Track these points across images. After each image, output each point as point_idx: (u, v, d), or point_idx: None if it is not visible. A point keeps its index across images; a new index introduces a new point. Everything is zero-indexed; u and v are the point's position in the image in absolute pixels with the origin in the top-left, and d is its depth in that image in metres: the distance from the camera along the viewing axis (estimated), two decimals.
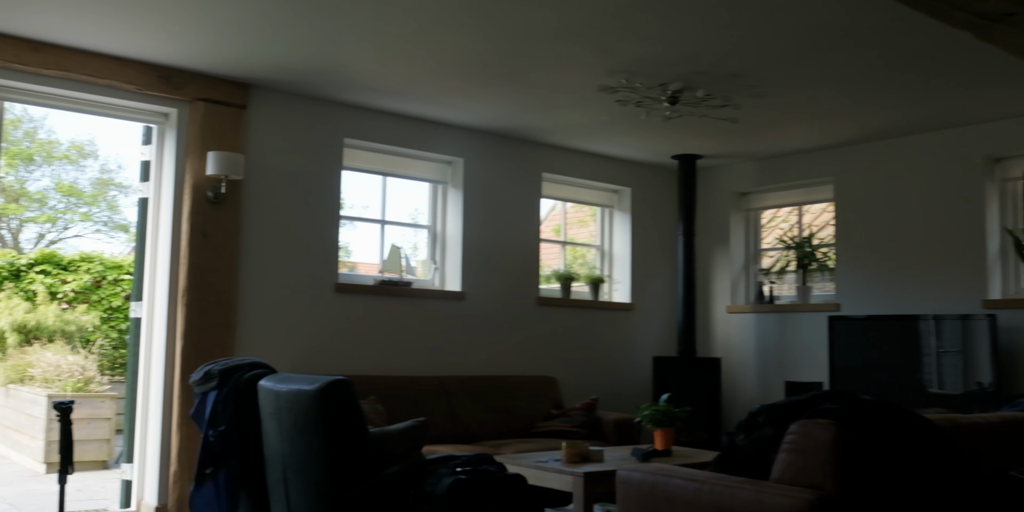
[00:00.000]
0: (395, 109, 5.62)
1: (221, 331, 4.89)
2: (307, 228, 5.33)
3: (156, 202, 5.00)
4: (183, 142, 4.96)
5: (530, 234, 6.37)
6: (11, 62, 4.39)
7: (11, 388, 7.43)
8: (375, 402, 5.03)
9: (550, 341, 6.38)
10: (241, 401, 3.50)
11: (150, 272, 4.98)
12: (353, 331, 5.44)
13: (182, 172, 4.94)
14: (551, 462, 4.17)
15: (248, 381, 3.50)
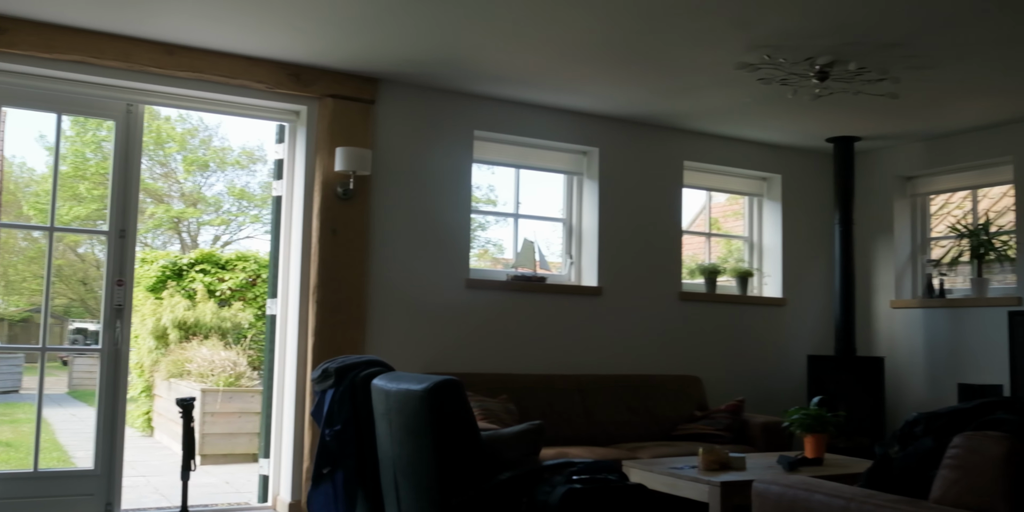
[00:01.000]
0: (525, 99, 5.44)
1: (351, 328, 4.86)
2: (437, 223, 5.23)
3: (289, 200, 5.03)
4: (313, 139, 4.96)
5: (671, 226, 6.04)
6: (147, 65, 4.50)
7: (172, 382, 7.77)
8: (507, 401, 4.87)
9: (694, 338, 6.03)
10: (357, 400, 3.41)
11: (284, 269, 5.02)
12: (485, 328, 5.31)
13: (312, 169, 4.94)
14: (686, 469, 3.88)
15: (364, 379, 3.41)
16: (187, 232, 24.62)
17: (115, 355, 4.58)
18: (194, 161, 24.55)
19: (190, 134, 25.76)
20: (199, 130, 24.96)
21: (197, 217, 24.28)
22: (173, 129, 25.29)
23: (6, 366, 17.29)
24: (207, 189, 25.05)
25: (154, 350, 8.31)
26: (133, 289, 4.68)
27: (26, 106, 4.54)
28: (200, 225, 25.16)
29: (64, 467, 6.46)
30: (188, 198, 25.28)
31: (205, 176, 24.71)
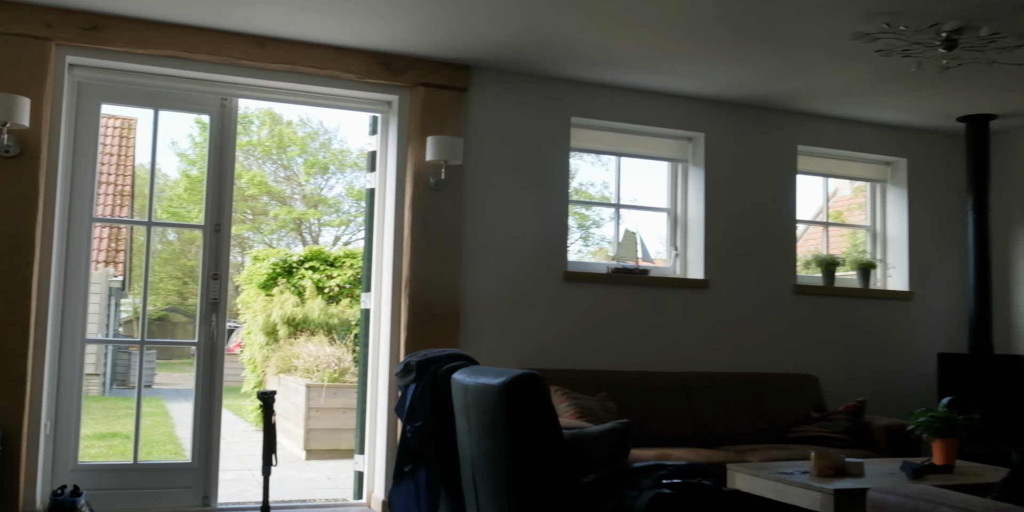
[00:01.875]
0: (624, 82, 5.20)
1: (444, 322, 4.73)
2: (533, 213, 5.04)
3: (382, 192, 4.94)
4: (404, 129, 4.85)
5: (784, 215, 5.67)
6: (239, 58, 4.48)
7: (281, 377, 7.85)
8: (606, 399, 4.64)
9: (810, 334, 5.64)
10: (438, 395, 3.26)
11: (377, 263, 4.93)
12: (584, 322, 5.09)
13: (404, 160, 4.83)
14: (797, 474, 3.56)
15: (445, 374, 3.25)
16: (309, 233, 25.27)
17: (211, 349, 4.58)
18: (315, 164, 25.16)
19: (311, 137, 26.44)
20: (319, 133, 25.56)
21: (318, 218, 24.88)
22: (295, 133, 26.00)
23: (136, 362, 18.06)
24: (327, 191, 25.61)
25: (265, 346, 8.43)
26: (228, 283, 4.68)
27: (124, 102, 4.60)
28: (321, 226, 25.78)
29: (163, 459, 6.59)
30: (309, 200, 25.94)
31: (325, 178, 25.26)
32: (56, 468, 4.29)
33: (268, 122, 25.83)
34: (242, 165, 25.79)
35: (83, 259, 4.41)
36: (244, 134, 25.66)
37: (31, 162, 4.12)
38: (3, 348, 4.01)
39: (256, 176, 24.74)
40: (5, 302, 4.03)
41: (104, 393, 13.64)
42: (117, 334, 18.48)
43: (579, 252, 14.91)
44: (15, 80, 4.11)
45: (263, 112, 26.18)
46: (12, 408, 4.01)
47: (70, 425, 4.33)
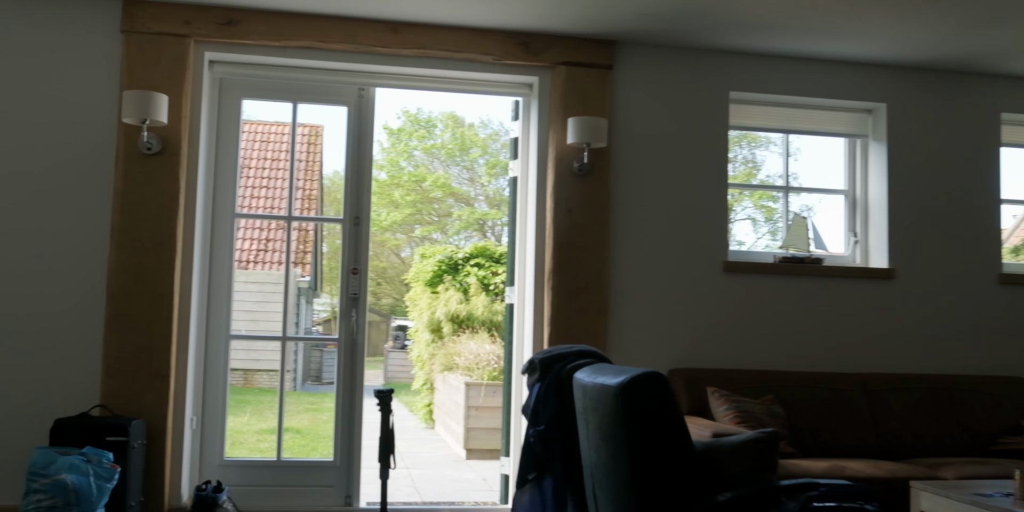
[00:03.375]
0: (791, 50, 4.67)
1: (591, 317, 4.40)
2: (688, 198, 4.62)
3: (524, 180, 4.68)
4: (545, 112, 4.56)
5: (986, 194, 4.93)
6: (373, 45, 4.35)
7: (445, 375, 7.77)
8: (771, 403, 4.16)
9: (1019, 330, 4.87)
10: (563, 396, 2.94)
11: (520, 255, 4.67)
12: (746, 317, 4.61)
13: (545, 144, 4.54)
14: (998, 497, 2.97)
15: (570, 373, 2.92)
16: (492, 233, 25.56)
17: (351, 345, 4.48)
18: (496, 164, 25.39)
19: (492, 138, 26.72)
20: (500, 134, 25.79)
21: (500, 218, 25.10)
22: (476, 135, 26.39)
23: (329, 359, 18.79)
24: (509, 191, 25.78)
25: (430, 344, 8.40)
26: (368, 277, 4.56)
27: (263, 97, 4.57)
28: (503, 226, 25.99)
29: (306, 457, 6.61)
30: (491, 200, 26.22)
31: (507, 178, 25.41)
32: (203, 463, 4.31)
33: (451, 125, 26.37)
34: (427, 168, 26.46)
35: (227, 255, 4.41)
36: (428, 138, 26.34)
37: (172, 159, 4.15)
38: (148, 343, 4.05)
39: (440, 178, 25.30)
40: (149, 297, 4.07)
41: (296, 388, 14.25)
42: (310, 332, 19.32)
43: (750, 241, 14.11)
44: (156, 78, 4.15)
45: (446, 116, 26.78)
46: (156, 403, 4.04)
47: (216, 420, 4.34)
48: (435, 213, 26.56)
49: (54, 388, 4.03)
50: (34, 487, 3.52)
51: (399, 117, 32.05)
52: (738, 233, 15.73)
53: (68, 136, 4.14)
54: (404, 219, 26.56)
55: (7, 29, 4.13)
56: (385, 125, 30.26)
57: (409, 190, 26.25)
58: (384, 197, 26.87)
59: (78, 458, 3.57)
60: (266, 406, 10.20)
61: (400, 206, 26.42)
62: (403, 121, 26.57)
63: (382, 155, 27.19)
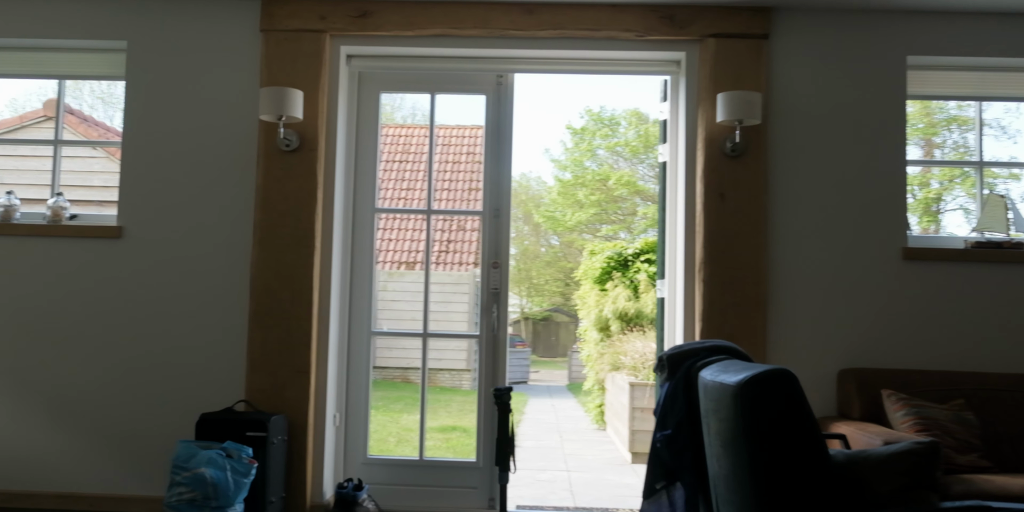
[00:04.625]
0: (980, 4, 4.07)
1: (747, 311, 4.01)
2: (858, 179, 4.13)
3: (673, 164, 4.34)
4: (694, 90, 4.21)
5: None
6: (507, 29, 4.17)
7: (614, 375, 7.49)
8: (961, 408, 3.62)
9: None
10: (693, 397, 2.61)
11: (671, 246, 4.34)
12: (930, 311, 4.05)
13: (693, 124, 4.19)
14: None
15: (698, 371, 2.60)
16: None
17: (492, 341, 4.31)
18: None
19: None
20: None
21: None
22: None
23: (516, 359, 18.88)
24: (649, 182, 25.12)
25: (599, 342, 8.13)
26: (509, 271, 4.37)
27: (401, 89, 4.49)
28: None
29: (449, 457, 6.48)
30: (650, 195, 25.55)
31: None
32: (347, 461, 4.27)
33: (634, 123, 25.96)
34: (611, 166, 26.19)
35: (367, 250, 4.37)
36: (612, 136, 26.06)
37: (310, 155, 4.14)
38: (288, 339, 4.05)
39: (624, 176, 24.96)
40: (289, 294, 4.07)
41: (474, 387, 14.37)
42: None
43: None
44: (293, 75, 4.16)
45: (630, 113, 26.39)
46: (297, 399, 4.03)
47: (359, 418, 4.30)
48: (620, 212, 26.23)
49: (203, 383, 4.11)
50: (176, 480, 3.57)
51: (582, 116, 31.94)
52: (948, 224, 14.41)
53: (213, 135, 4.22)
54: (589, 219, 26.39)
55: (156, 33, 4.26)
56: (568, 125, 30.25)
57: (594, 189, 26.05)
58: (569, 197, 26.81)
59: (216, 452, 3.60)
60: (442, 405, 10.29)
61: (585, 206, 26.26)
62: (586, 120, 26.43)
63: (565, 155, 27.18)
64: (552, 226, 28.10)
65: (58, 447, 4.11)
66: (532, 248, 33.78)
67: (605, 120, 26.37)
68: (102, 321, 4.16)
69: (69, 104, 9.33)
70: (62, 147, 4.53)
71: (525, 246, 34.26)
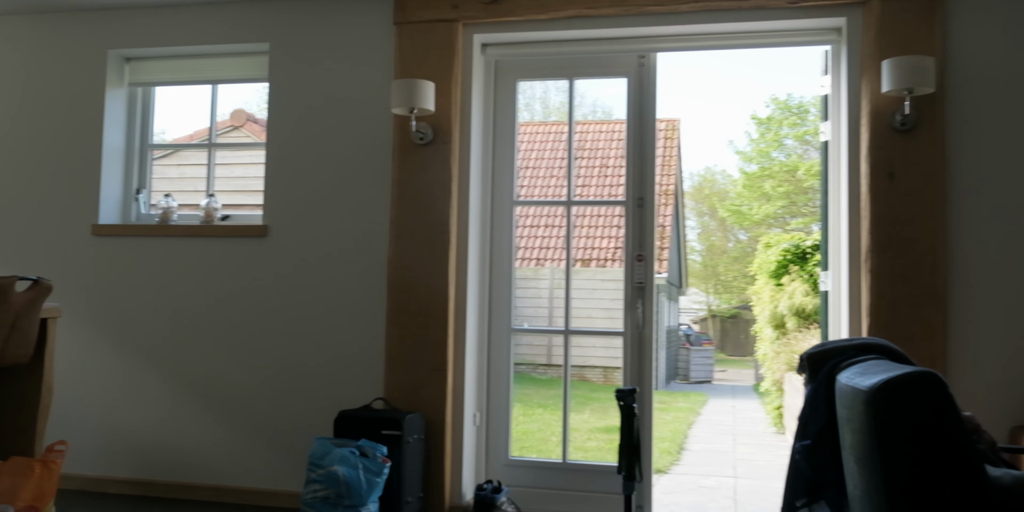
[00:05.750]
0: None
1: (922, 307, 3.54)
2: None
3: (836, 142, 3.93)
4: (856, 58, 3.78)
5: None
6: (646, 5, 3.91)
7: (791, 375, 7.00)
8: None
9: None
10: (835, 403, 2.27)
11: (834, 233, 3.92)
12: None
13: (856, 97, 3.76)
14: None
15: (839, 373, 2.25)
16: None
17: (638, 339, 4.05)
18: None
19: None
20: None
21: None
22: None
23: (700, 358, 18.32)
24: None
25: (775, 341, 7.63)
26: (654, 265, 4.10)
27: (537, 77, 4.32)
28: None
29: (593, 461, 6.15)
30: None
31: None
32: (489, 461, 4.14)
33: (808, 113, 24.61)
34: (799, 156, 24.95)
35: (506, 244, 4.22)
36: (800, 124, 24.81)
37: (443, 147, 4.04)
38: (425, 336, 3.97)
39: (814, 166, 23.69)
40: (426, 289, 3.99)
41: (657, 387, 14.01)
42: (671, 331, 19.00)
43: None
44: (427, 67, 4.08)
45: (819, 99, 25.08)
46: (435, 397, 3.94)
47: (500, 417, 4.16)
48: (811, 204, 24.93)
49: (344, 379, 4.11)
50: (312, 477, 3.56)
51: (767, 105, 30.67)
52: None
53: (350, 132, 4.21)
54: (777, 212, 25.27)
55: (294, 33, 4.31)
56: (753, 115, 29.11)
57: (781, 181, 24.91)
58: (755, 190, 25.76)
59: (349, 451, 3.56)
60: (607, 404, 10.04)
61: (772, 198, 25.17)
62: (772, 109, 25.32)
63: (750, 146, 26.14)
64: (738, 220, 27.13)
65: (213, 441, 4.23)
66: (719, 244, 32.78)
67: (792, 108, 25.14)
68: (251, 319, 4.24)
69: (252, 113, 9.83)
70: (235, 153, 4.68)
71: (711, 242, 33.30)
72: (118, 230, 4.43)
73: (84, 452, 4.35)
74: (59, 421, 4.35)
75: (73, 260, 4.46)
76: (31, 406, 3.62)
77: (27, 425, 3.60)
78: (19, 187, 4.57)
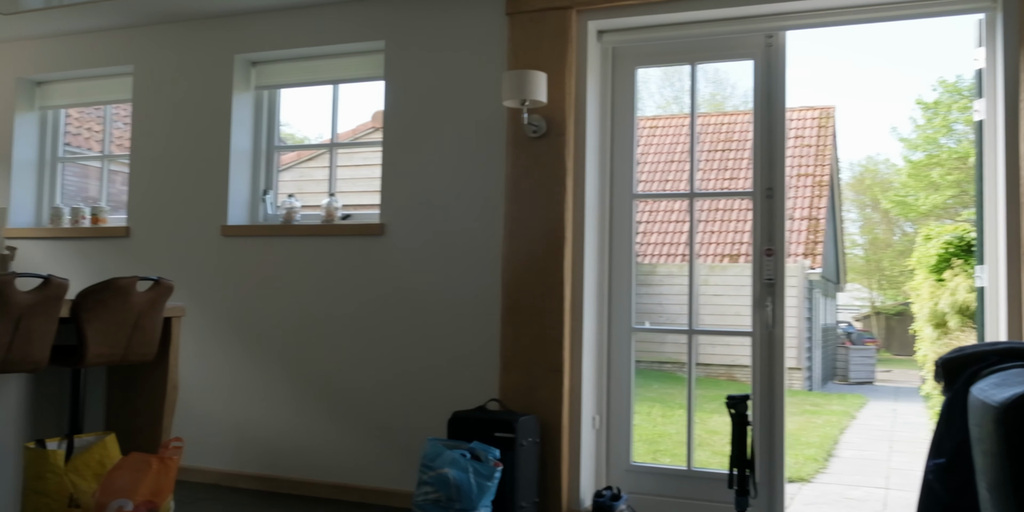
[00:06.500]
0: None
1: None
2: None
3: (991, 123, 3.52)
4: (1013, 27, 3.37)
5: None
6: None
7: None
8: None
9: None
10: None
11: (990, 223, 3.52)
12: None
13: (1014, 70, 3.36)
14: None
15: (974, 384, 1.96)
16: None
17: (768, 339, 3.78)
18: None
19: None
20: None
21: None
22: None
23: (861, 358, 17.40)
24: None
25: (935, 341, 7.05)
26: (784, 260, 3.80)
27: (657, 63, 4.10)
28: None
29: (720, 469, 5.76)
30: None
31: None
32: (610, 467, 3.97)
33: None
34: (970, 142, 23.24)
35: (626, 239, 4.04)
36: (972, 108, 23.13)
37: (558, 140, 3.90)
38: (541, 336, 3.84)
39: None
40: (541, 287, 3.86)
41: (811, 388, 13.34)
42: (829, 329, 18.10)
43: None
44: (539, 57, 3.95)
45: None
46: (551, 399, 3.81)
47: (621, 421, 3.98)
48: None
49: (459, 379, 4.03)
50: (424, 479, 3.50)
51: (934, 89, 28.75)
52: None
53: (463, 127, 4.13)
54: (946, 202, 23.67)
55: (408, 30, 4.27)
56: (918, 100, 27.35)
57: (951, 169, 23.32)
58: (921, 179, 24.23)
59: (460, 453, 3.47)
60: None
61: (941, 188, 23.61)
62: (939, 92, 23.73)
63: (916, 132, 24.56)
64: (903, 212, 25.62)
65: (334, 439, 4.25)
66: (882, 236, 31.02)
67: (963, 91, 23.46)
68: (367, 317, 4.24)
69: None
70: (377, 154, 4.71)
71: (875, 235, 31.55)
72: (245, 230, 4.53)
73: (215, 447, 4.47)
74: (190, 416, 4.49)
75: (204, 260, 4.60)
76: (157, 402, 3.73)
77: (154, 421, 3.72)
78: (156, 190, 4.75)
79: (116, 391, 3.84)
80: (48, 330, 3.00)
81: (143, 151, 4.81)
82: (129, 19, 4.77)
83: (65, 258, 4.91)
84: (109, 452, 3.31)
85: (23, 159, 5.20)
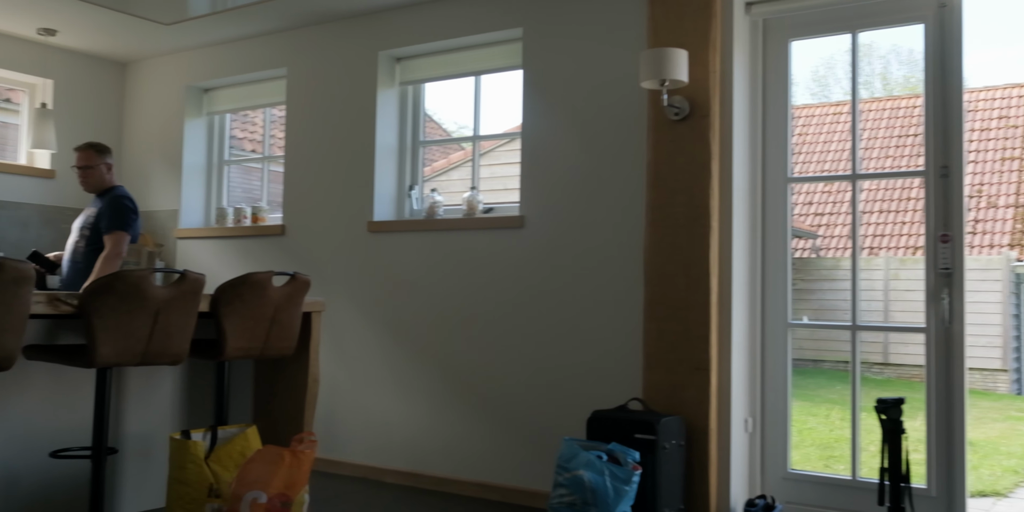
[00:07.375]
0: None
1: None
2: None
3: None
4: None
5: None
6: None
7: None
8: None
9: None
10: None
11: None
12: None
13: None
14: None
15: None
16: None
17: (944, 336, 3.36)
18: None
19: None
20: None
21: None
22: None
23: None
24: None
25: None
26: (963, 247, 3.37)
27: (813, 33, 3.74)
28: None
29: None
30: None
31: None
32: (764, 474, 3.67)
33: None
34: None
35: (780, 227, 3.72)
36: None
37: (701, 122, 3.64)
38: (685, 332, 3.60)
39: None
40: (685, 279, 3.61)
41: (1020, 392, 12.12)
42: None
43: None
44: (681, 35, 3.70)
45: None
46: (696, 399, 3.55)
47: (777, 424, 3.67)
48: None
49: (600, 377, 3.85)
50: (559, 480, 3.35)
51: None
52: None
53: (602, 115, 3.95)
54: None
55: (544, 16, 4.13)
56: None
57: None
58: None
59: (596, 455, 3.29)
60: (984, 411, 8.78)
61: None
62: None
63: None
64: None
65: (476, 436, 4.17)
66: None
67: None
68: (508, 311, 4.13)
69: None
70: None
71: None
72: (390, 226, 4.54)
73: (361, 442, 4.51)
74: (337, 410, 4.55)
75: (351, 256, 4.64)
76: (299, 396, 3.77)
77: (296, 414, 3.76)
78: (307, 188, 4.85)
79: (262, 384, 3.92)
80: (186, 324, 3.06)
81: (296, 150, 4.92)
82: (281, 23, 4.89)
83: (228, 256, 5.11)
84: (250, 444, 3.36)
85: (192, 163, 5.46)
